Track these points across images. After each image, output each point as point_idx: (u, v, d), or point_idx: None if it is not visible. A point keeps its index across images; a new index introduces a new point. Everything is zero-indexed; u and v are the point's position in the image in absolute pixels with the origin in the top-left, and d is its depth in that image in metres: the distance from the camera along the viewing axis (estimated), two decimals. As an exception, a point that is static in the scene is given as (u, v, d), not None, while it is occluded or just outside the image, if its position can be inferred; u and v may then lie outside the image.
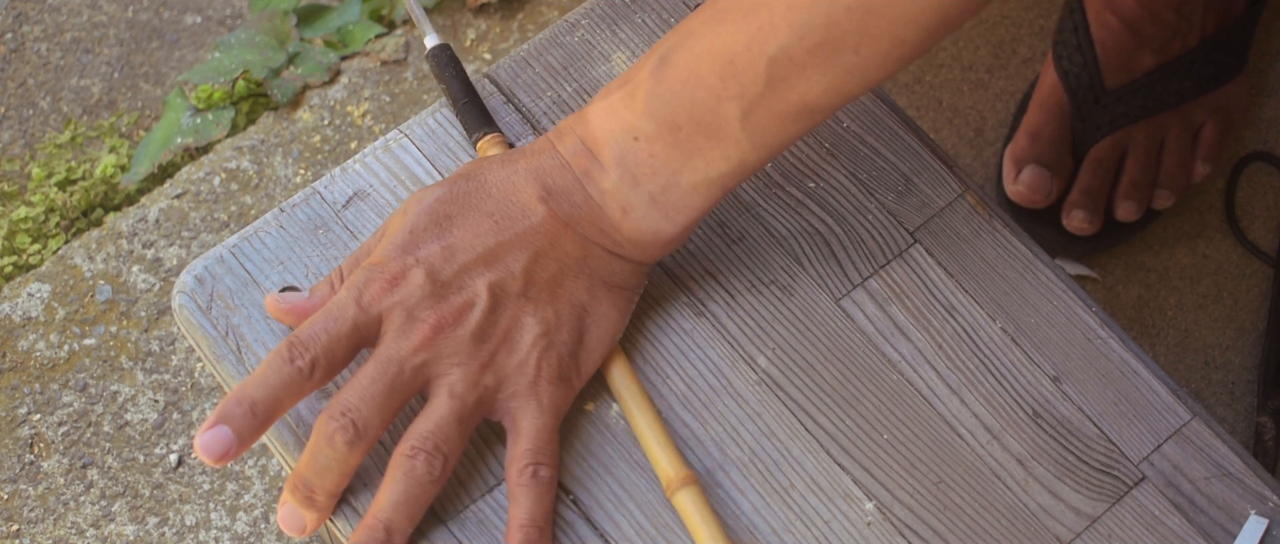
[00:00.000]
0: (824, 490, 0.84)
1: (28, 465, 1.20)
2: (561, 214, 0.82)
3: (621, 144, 0.81)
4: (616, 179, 0.82)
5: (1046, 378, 0.87)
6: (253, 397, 0.79)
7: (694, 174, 0.81)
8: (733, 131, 0.80)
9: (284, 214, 0.89)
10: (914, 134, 0.93)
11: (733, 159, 0.81)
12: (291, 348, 0.79)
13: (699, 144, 0.80)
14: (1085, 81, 1.21)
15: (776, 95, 0.79)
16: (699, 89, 0.80)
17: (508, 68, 0.93)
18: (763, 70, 0.78)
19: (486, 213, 0.82)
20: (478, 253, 0.82)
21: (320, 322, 0.80)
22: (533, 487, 0.81)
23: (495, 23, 1.38)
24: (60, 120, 1.38)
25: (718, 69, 0.79)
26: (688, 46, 0.80)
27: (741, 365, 0.87)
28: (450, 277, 0.81)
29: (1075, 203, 1.20)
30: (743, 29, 0.78)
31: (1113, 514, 0.84)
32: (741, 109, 0.79)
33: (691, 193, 0.82)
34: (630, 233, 0.83)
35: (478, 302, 0.81)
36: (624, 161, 0.82)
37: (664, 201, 0.82)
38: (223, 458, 0.78)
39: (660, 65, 0.81)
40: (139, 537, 1.17)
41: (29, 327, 1.24)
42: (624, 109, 0.81)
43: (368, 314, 0.80)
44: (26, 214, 1.32)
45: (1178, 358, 1.23)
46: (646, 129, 0.81)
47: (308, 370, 0.79)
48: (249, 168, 1.31)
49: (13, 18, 1.41)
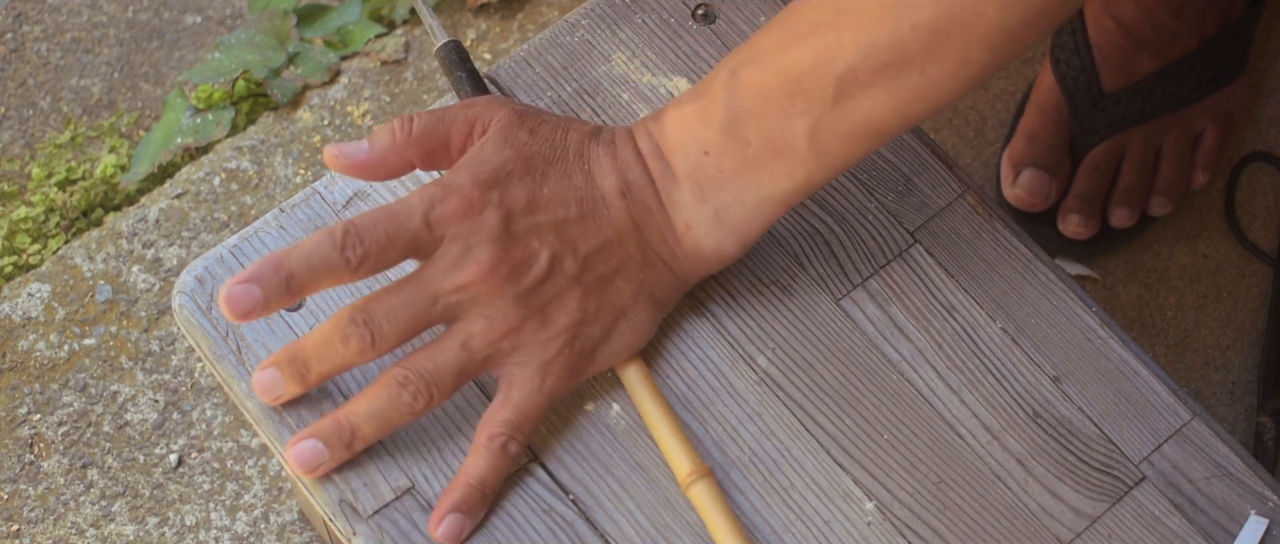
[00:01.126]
0: (824, 490, 0.84)
1: (28, 465, 1.20)
2: (635, 215, 0.83)
3: (693, 157, 0.82)
4: (686, 191, 0.82)
5: (1046, 378, 0.87)
6: (291, 267, 0.78)
7: (759, 191, 0.82)
8: (800, 150, 0.80)
9: (284, 214, 0.89)
10: (914, 134, 0.93)
11: (798, 177, 0.81)
12: (346, 235, 0.79)
13: (767, 162, 0.81)
14: (1083, 85, 1.20)
15: (843, 114, 0.79)
16: (768, 106, 0.80)
17: (508, 68, 0.93)
18: (830, 88, 0.78)
19: (574, 185, 0.82)
20: (555, 219, 0.81)
21: (383, 219, 0.79)
22: (498, 456, 0.81)
23: (495, 23, 1.38)
24: (60, 120, 1.37)
25: (786, 87, 0.79)
26: (758, 63, 0.80)
27: (741, 365, 0.87)
28: (522, 230, 0.81)
29: (1071, 207, 1.20)
30: (811, 47, 0.78)
31: (1113, 514, 0.84)
32: (809, 127, 0.79)
33: (756, 210, 0.82)
34: (690, 247, 0.83)
35: (536, 265, 0.81)
36: (695, 175, 0.82)
37: (728, 219, 0.82)
38: (245, 316, 0.78)
39: (731, 80, 0.81)
40: (139, 537, 1.17)
41: (29, 327, 1.24)
42: (697, 121, 0.82)
43: (432, 231, 0.80)
44: (26, 214, 1.32)
45: (1178, 358, 1.23)
46: (717, 144, 0.81)
47: (356, 262, 0.79)
48: (249, 168, 1.31)
49: (13, 18, 1.41)
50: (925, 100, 0.78)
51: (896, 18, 0.76)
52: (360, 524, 0.82)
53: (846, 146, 0.80)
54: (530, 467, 0.84)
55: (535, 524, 0.83)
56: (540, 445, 0.84)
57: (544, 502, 0.83)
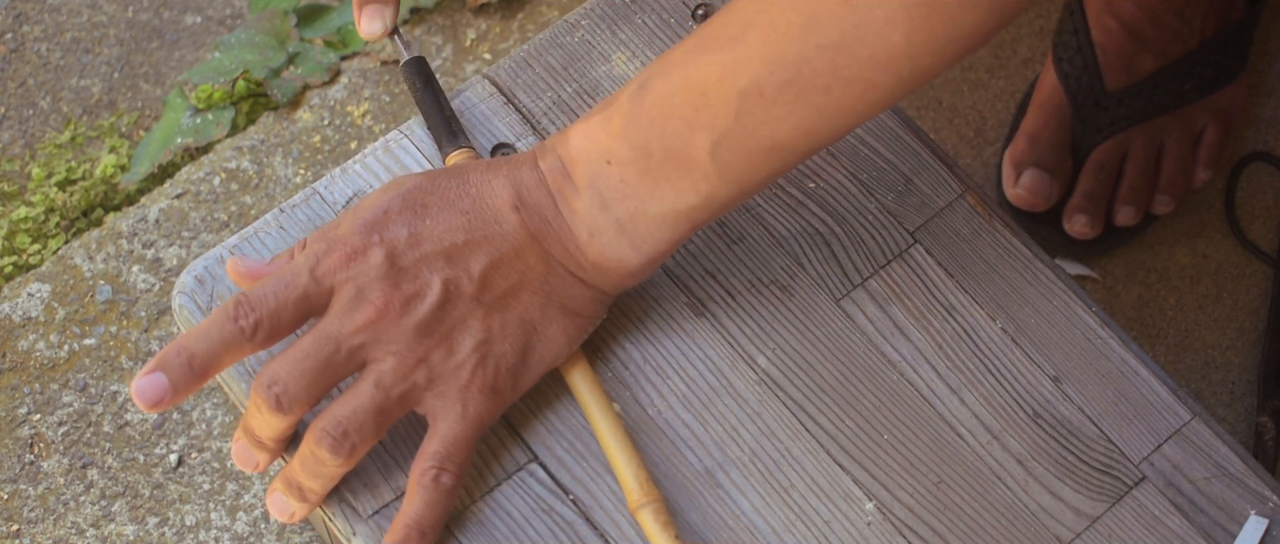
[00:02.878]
0: (824, 490, 0.84)
1: (28, 465, 1.20)
2: (531, 227, 0.82)
3: (595, 166, 0.81)
4: (587, 201, 0.81)
5: (1046, 378, 0.87)
6: (193, 349, 0.79)
7: (662, 204, 0.81)
8: (702, 164, 0.79)
9: (284, 214, 0.89)
10: (914, 134, 0.93)
11: (701, 192, 0.80)
12: (238, 306, 0.79)
13: (669, 173, 0.80)
14: (1086, 84, 1.20)
15: (746, 131, 0.78)
16: (672, 118, 0.79)
17: (508, 68, 0.93)
18: (733, 103, 0.78)
19: (460, 210, 0.82)
20: (442, 246, 0.81)
21: (271, 284, 0.80)
22: (430, 490, 0.80)
23: (495, 23, 1.38)
24: (60, 120, 1.37)
25: (691, 99, 0.79)
26: (666, 75, 0.80)
27: (741, 365, 0.87)
28: (409, 263, 0.80)
29: (1077, 207, 1.20)
30: (718, 60, 0.78)
31: (1113, 514, 0.84)
32: (711, 141, 0.79)
33: (659, 223, 0.81)
34: (595, 257, 0.82)
35: (429, 293, 0.80)
36: (596, 184, 0.81)
37: (631, 229, 0.81)
38: (156, 405, 0.79)
39: (639, 91, 0.80)
40: (139, 537, 1.17)
41: (29, 327, 1.24)
42: (601, 132, 0.81)
43: (320, 285, 0.80)
44: (26, 214, 1.32)
45: (1178, 358, 1.23)
46: (620, 153, 0.80)
47: (250, 331, 0.79)
48: (249, 168, 1.31)
49: (13, 18, 1.41)
50: (829, 122, 0.78)
51: (802, 36, 0.76)
52: (360, 524, 0.82)
53: (750, 163, 0.79)
54: (530, 467, 0.84)
55: (535, 524, 0.83)
56: (540, 445, 0.84)
57: (544, 502, 0.83)
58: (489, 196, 0.82)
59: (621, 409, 0.85)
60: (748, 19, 0.77)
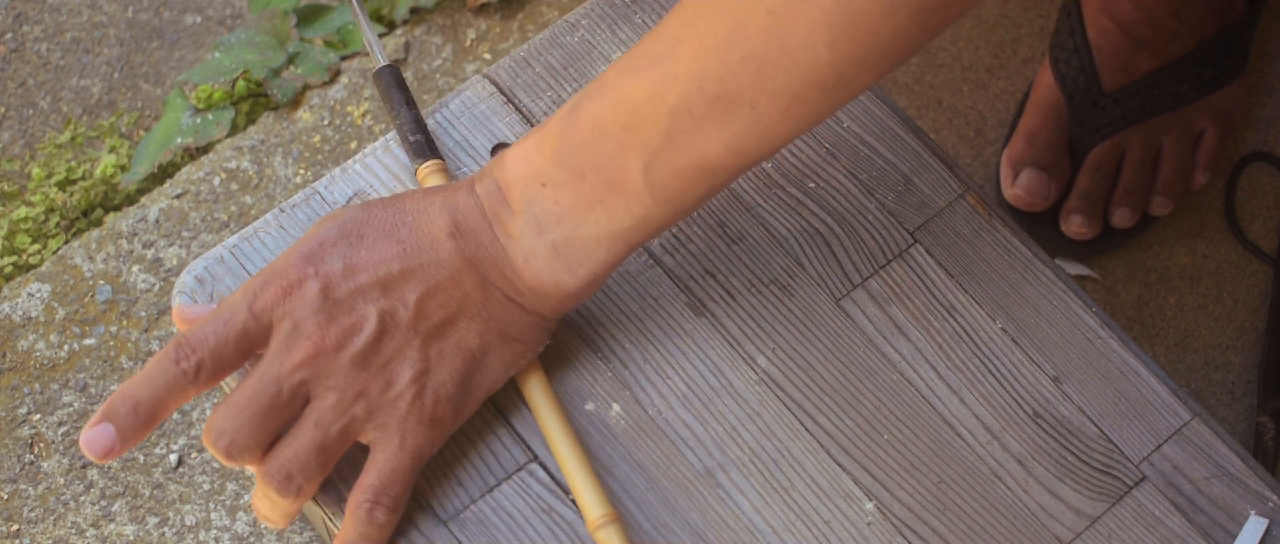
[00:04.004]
0: (824, 490, 0.84)
1: (28, 465, 1.20)
2: (467, 252, 0.81)
3: (529, 189, 0.80)
4: (522, 224, 0.81)
5: (1046, 378, 0.87)
6: (137, 396, 0.79)
7: (597, 226, 0.80)
8: (635, 185, 0.79)
9: (284, 214, 0.89)
10: (914, 134, 0.93)
11: (635, 213, 0.80)
12: (178, 348, 0.79)
13: (602, 195, 0.79)
14: (1083, 84, 1.20)
15: (676, 150, 0.78)
16: (604, 139, 0.79)
17: (508, 68, 0.93)
18: (663, 122, 0.77)
19: (396, 239, 0.81)
20: (377, 277, 0.80)
21: (210, 324, 0.79)
22: (364, 524, 0.80)
23: (495, 23, 1.38)
24: (60, 120, 1.37)
25: (623, 119, 0.78)
26: (598, 95, 0.79)
27: (741, 365, 0.87)
28: (344, 295, 0.80)
29: (1074, 208, 1.20)
30: (649, 79, 0.77)
31: (1113, 514, 0.84)
32: (643, 161, 0.78)
33: (594, 245, 0.81)
34: (531, 281, 0.81)
35: (365, 326, 0.79)
36: (530, 207, 0.80)
37: (566, 252, 0.81)
38: (106, 455, 0.79)
39: (571, 112, 0.80)
40: (139, 537, 1.17)
41: (29, 327, 1.24)
42: (535, 154, 0.80)
43: (258, 320, 0.80)
44: (26, 214, 1.32)
45: (1178, 358, 1.23)
46: (553, 176, 0.80)
47: (192, 373, 0.79)
48: (249, 168, 1.31)
49: (13, 18, 1.41)
50: (759, 138, 0.77)
51: (727, 49, 0.75)
52: (360, 524, 0.82)
53: (683, 183, 0.79)
54: (530, 467, 0.84)
55: (535, 524, 0.83)
56: (540, 445, 0.84)
57: (544, 502, 0.83)
58: (425, 224, 0.81)
59: (622, 409, 0.85)
60: (676, 34, 0.77)
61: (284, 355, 0.79)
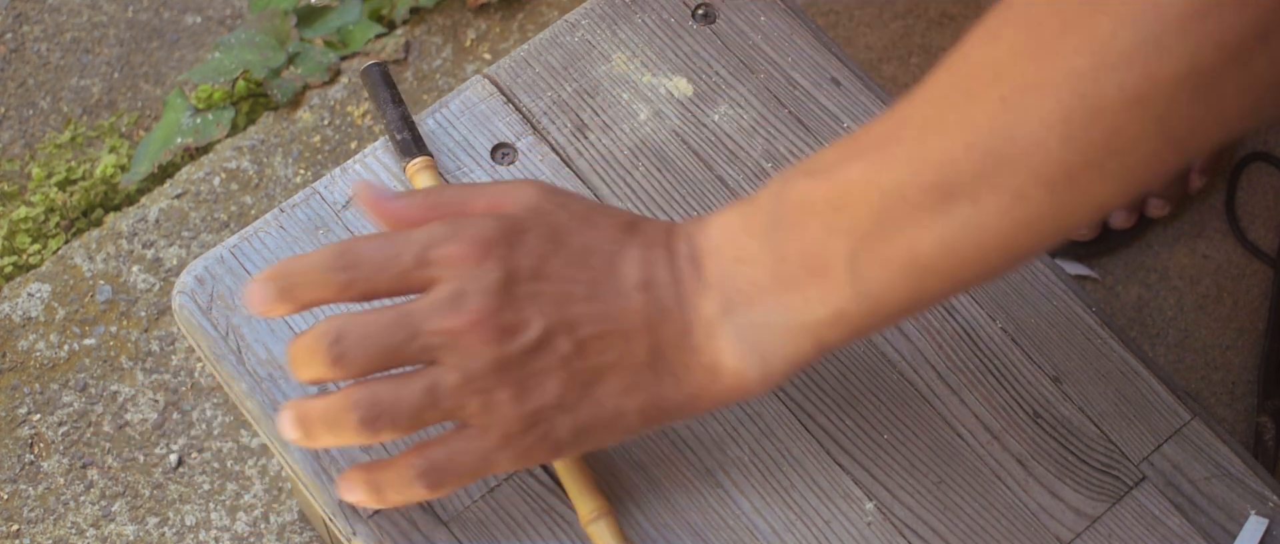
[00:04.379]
0: (824, 490, 0.84)
1: (28, 465, 1.20)
2: (650, 314, 0.76)
3: (726, 264, 0.76)
4: (713, 302, 0.76)
5: (1046, 378, 0.87)
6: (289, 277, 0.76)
7: (789, 313, 0.74)
8: (836, 273, 0.73)
9: (284, 214, 0.89)
10: (914, 134, 0.93)
11: (831, 305, 0.73)
12: (343, 255, 0.76)
13: (800, 280, 0.74)
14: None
15: (885, 238, 0.72)
16: (811, 218, 0.73)
17: (508, 68, 0.93)
18: (875, 204, 0.71)
19: (589, 266, 0.77)
20: (558, 293, 0.76)
21: (379, 245, 0.76)
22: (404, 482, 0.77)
23: (495, 23, 1.38)
24: (60, 120, 1.38)
25: (833, 199, 0.73)
26: (813, 173, 0.74)
27: (741, 365, 0.87)
28: (522, 294, 0.76)
29: None
30: (866, 160, 0.72)
31: (1113, 514, 0.84)
32: (849, 248, 0.72)
33: (785, 337, 0.75)
34: (707, 361, 0.76)
35: (525, 334, 0.75)
36: (724, 284, 0.76)
37: (752, 339, 0.75)
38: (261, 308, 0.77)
39: (783, 186, 0.75)
40: (139, 537, 1.17)
41: (29, 327, 1.24)
42: (737, 227, 0.76)
43: (425, 270, 0.76)
44: (26, 214, 1.32)
45: (1178, 358, 1.23)
46: (753, 252, 0.75)
47: (342, 283, 0.76)
48: (249, 168, 1.31)
49: (13, 18, 1.41)
50: (972, 238, 0.70)
51: (952, 135, 0.70)
52: (360, 524, 0.82)
53: (887, 278, 0.72)
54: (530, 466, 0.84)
55: (535, 524, 0.83)
56: (540, 445, 0.85)
57: (544, 502, 0.83)
58: (618, 265, 0.77)
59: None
60: (903, 115, 0.72)
61: (436, 315, 0.75)
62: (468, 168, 0.91)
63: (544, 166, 0.91)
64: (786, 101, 0.93)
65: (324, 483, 0.83)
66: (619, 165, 0.91)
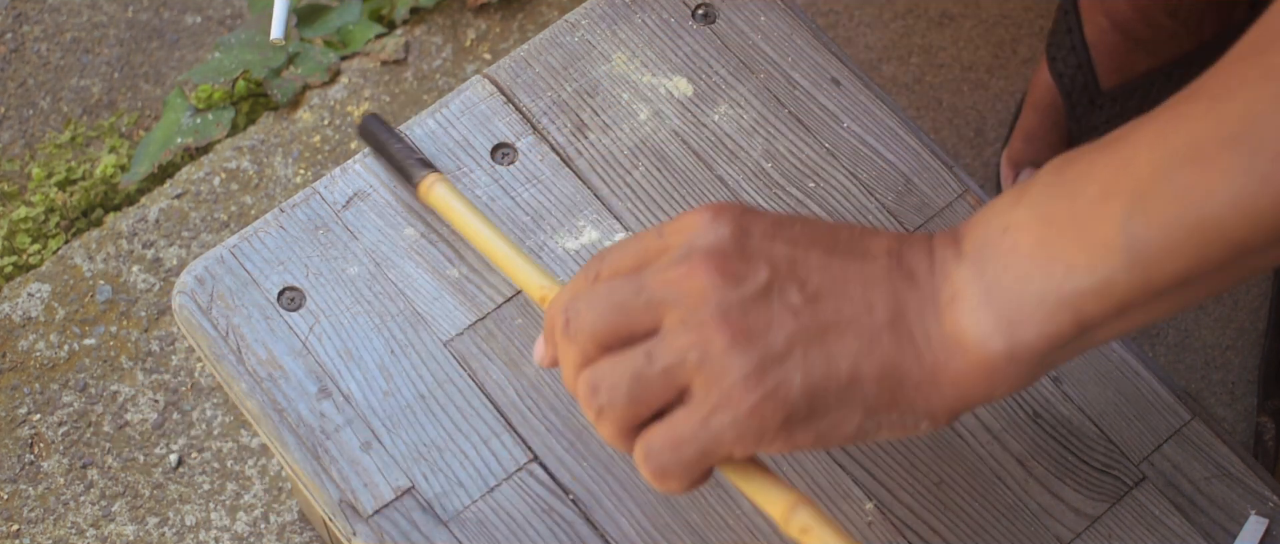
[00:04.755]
0: (824, 490, 0.84)
1: (28, 465, 1.20)
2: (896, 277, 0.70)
3: (989, 234, 0.70)
4: (965, 268, 0.70)
5: (1046, 378, 0.87)
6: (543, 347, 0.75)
7: (1048, 280, 0.68)
8: (1109, 236, 0.67)
9: (284, 214, 0.89)
10: (914, 134, 0.93)
11: (1098, 273, 0.67)
12: (566, 310, 0.73)
13: (1066, 245, 0.68)
14: (1080, 83, 1.20)
15: (1169, 194, 0.66)
16: (1089, 183, 0.68)
17: (508, 68, 0.93)
18: (1161, 162, 0.66)
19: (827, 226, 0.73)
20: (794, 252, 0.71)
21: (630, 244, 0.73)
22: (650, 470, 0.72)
23: (495, 23, 1.38)
24: (60, 120, 1.38)
25: (1114, 163, 0.68)
26: (1097, 147, 0.70)
27: (741, 365, 0.87)
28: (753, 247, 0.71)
29: None
30: (1157, 123, 0.67)
31: (1113, 514, 0.84)
32: (1125, 207, 0.67)
33: (1036, 304, 0.68)
34: (950, 327, 0.70)
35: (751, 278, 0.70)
36: (982, 251, 0.70)
37: (1000, 300, 0.69)
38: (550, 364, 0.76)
39: (1064, 161, 0.71)
40: (139, 537, 1.17)
41: (29, 327, 1.24)
42: (1009, 201, 0.71)
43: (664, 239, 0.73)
44: (26, 214, 1.32)
45: (1178, 358, 1.23)
46: (1019, 219, 0.70)
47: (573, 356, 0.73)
48: (249, 168, 1.31)
49: (13, 18, 1.41)
50: (1273, 197, 0.64)
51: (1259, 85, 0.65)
52: (360, 524, 0.82)
53: (1165, 242, 0.66)
54: (530, 467, 0.84)
55: (535, 524, 0.83)
56: (540, 445, 0.84)
57: (544, 502, 0.83)
58: (867, 236, 0.73)
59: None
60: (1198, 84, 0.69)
61: (661, 268, 0.72)
62: (468, 168, 0.91)
63: (544, 166, 0.91)
64: (786, 101, 0.93)
65: (323, 483, 0.83)
66: (619, 165, 0.91)
